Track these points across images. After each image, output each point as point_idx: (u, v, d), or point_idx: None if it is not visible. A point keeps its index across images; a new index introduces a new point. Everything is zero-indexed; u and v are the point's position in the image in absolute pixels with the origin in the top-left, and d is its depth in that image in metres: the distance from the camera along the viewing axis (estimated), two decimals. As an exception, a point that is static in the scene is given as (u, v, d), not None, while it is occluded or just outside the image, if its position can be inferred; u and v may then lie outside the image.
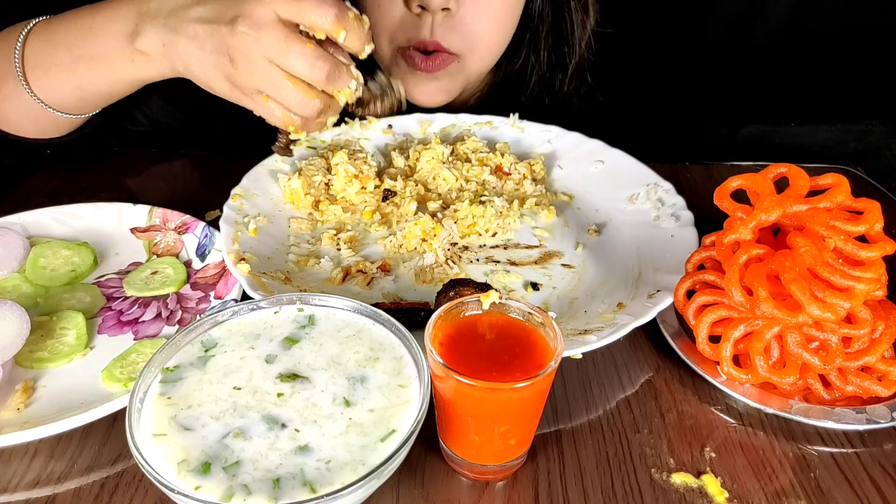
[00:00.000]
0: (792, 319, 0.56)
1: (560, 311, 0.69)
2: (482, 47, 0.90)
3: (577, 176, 0.91)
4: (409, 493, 0.53)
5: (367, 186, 0.85)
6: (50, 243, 0.74)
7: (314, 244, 0.78)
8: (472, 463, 0.53)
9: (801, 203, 0.59)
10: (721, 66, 1.26)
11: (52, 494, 0.52)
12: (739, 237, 0.60)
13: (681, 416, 0.60)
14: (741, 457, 0.57)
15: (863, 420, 0.58)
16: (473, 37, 0.88)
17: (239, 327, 0.55)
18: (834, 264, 0.57)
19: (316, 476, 0.44)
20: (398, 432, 0.47)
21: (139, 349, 0.62)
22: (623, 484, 0.54)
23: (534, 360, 0.50)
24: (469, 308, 0.53)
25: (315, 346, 0.54)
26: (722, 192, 0.62)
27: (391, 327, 0.55)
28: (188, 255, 0.75)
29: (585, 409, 0.61)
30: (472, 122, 0.98)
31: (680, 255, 0.70)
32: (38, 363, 0.61)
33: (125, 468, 0.54)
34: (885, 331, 0.59)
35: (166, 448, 0.46)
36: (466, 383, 0.47)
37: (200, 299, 0.70)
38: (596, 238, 0.82)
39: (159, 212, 0.79)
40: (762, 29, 1.30)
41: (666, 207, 0.81)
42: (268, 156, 0.87)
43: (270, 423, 0.48)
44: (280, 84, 0.66)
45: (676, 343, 0.65)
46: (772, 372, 0.59)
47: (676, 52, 1.19)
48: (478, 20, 0.87)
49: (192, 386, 0.50)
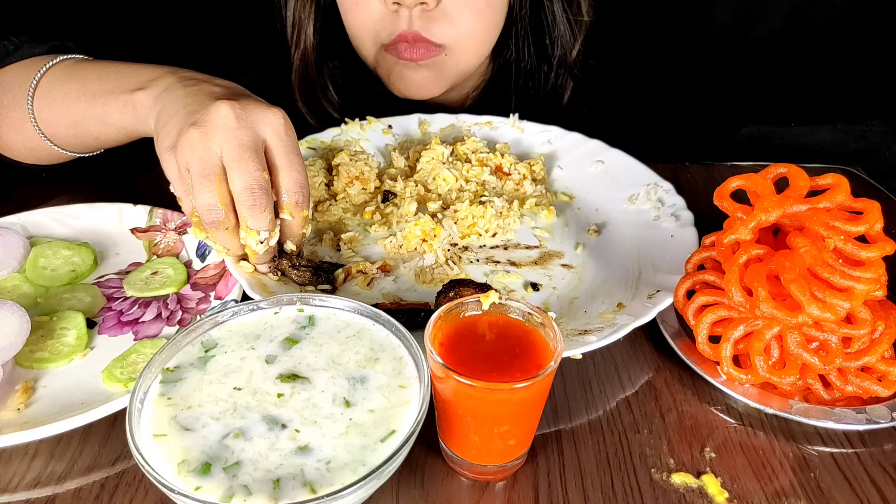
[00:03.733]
0: (792, 319, 0.56)
1: (560, 312, 0.69)
2: (468, 39, 0.91)
3: (577, 176, 0.91)
4: (409, 494, 0.53)
5: (368, 188, 0.85)
6: (50, 243, 0.74)
7: (314, 244, 0.78)
8: (472, 463, 0.53)
9: (801, 203, 0.59)
10: (721, 66, 1.26)
11: (52, 494, 0.52)
12: (739, 237, 0.60)
13: (681, 417, 0.60)
14: (741, 457, 0.57)
15: (863, 420, 0.58)
16: (458, 28, 0.88)
17: (239, 328, 0.55)
18: (834, 264, 0.57)
19: (316, 476, 0.44)
20: (398, 433, 0.47)
21: (139, 349, 0.62)
22: (623, 484, 0.54)
23: (534, 361, 0.50)
24: (469, 308, 0.53)
25: (315, 346, 0.54)
26: (722, 192, 0.62)
27: (391, 328, 0.55)
28: (188, 256, 0.75)
29: (585, 409, 0.61)
30: (472, 123, 0.98)
31: (680, 255, 0.70)
32: (38, 363, 0.61)
33: (125, 468, 0.54)
34: (885, 331, 0.59)
35: (166, 448, 0.46)
36: (466, 384, 0.47)
37: (200, 300, 0.70)
38: (596, 238, 0.81)
39: (160, 212, 0.79)
40: (762, 29, 1.30)
41: (666, 207, 0.81)
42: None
43: (270, 423, 0.48)
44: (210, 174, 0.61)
45: (676, 343, 0.65)
46: (772, 372, 0.59)
47: (676, 51, 1.20)
48: (459, 11, 0.87)
49: (193, 386, 0.50)
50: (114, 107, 0.72)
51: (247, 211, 0.62)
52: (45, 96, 0.78)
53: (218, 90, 0.66)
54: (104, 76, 0.75)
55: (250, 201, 0.61)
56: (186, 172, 0.62)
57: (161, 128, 0.65)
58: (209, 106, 0.62)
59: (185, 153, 0.61)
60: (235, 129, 0.61)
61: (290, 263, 0.68)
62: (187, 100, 0.65)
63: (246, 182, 0.61)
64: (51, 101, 0.77)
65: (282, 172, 0.64)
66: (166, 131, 0.64)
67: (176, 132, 0.63)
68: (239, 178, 0.61)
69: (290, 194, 0.65)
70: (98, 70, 0.77)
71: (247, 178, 0.61)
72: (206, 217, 0.62)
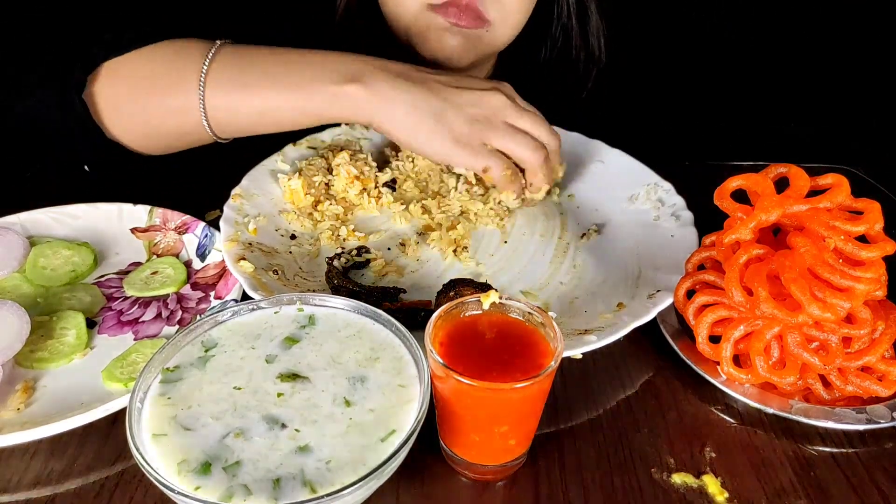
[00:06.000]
0: (792, 319, 0.56)
1: (560, 311, 0.69)
2: (510, 18, 0.91)
3: (577, 176, 0.91)
4: (409, 493, 0.53)
5: (368, 188, 0.85)
6: (50, 243, 0.74)
7: (314, 244, 0.78)
8: (472, 463, 0.53)
9: (801, 203, 0.59)
10: (721, 66, 1.26)
11: (52, 494, 0.52)
12: (739, 237, 0.60)
13: (681, 416, 0.60)
14: (741, 457, 0.57)
15: (863, 420, 0.58)
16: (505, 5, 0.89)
17: (239, 327, 0.55)
18: (834, 264, 0.57)
19: (316, 476, 0.44)
20: (398, 432, 0.47)
21: (139, 349, 0.62)
22: (623, 484, 0.54)
23: (534, 360, 0.50)
24: (469, 308, 0.53)
25: (315, 346, 0.54)
26: (722, 192, 0.62)
27: (391, 327, 0.55)
28: (188, 255, 0.75)
29: (585, 409, 0.61)
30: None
31: (680, 255, 0.70)
32: (38, 363, 0.61)
33: (125, 468, 0.54)
34: (886, 331, 0.59)
35: (166, 448, 0.46)
36: (466, 383, 0.47)
37: (200, 299, 0.70)
38: (596, 238, 0.82)
39: (159, 212, 0.79)
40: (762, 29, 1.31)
41: (666, 207, 0.81)
42: (268, 156, 0.87)
43: (271, 423, 0.48)
44: (517, 132, 0.78)
45: (676, 343, 0.65)
46: (772, 372, 0.59)
47: (677, 52, 1.20)
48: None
49: (193, 386, 0.50)
50: (320, 98, 0.75)
51: (538, 167, 0.80)
52: (221, 84, 0.76)
53: (440, 77, 0.78)
54: (291, 65, 0.76)
55: (540, 156, 0.80)
56: (487, 148, 0.78)
57: (428, 129, 0.76)
58: (482, 98, 0.78)
59: (487, 135, 0.77)
60: (513, 107, 0.79)
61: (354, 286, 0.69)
62: (434, 97, 0.76)
63: (542, 134, 0.80)
64: (230, 89, 0.76)
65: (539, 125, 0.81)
66: (441, 130, 0.76)
67: (460, 125, 0.76)
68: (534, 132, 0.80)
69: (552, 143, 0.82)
70: (275, 58, 0.77)
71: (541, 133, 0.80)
72: (534, 158, 0.79)
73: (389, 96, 0.75)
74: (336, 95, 0.74)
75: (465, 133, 0.76)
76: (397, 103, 0.75)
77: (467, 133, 0.76)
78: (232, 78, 0.76)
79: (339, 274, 0.70)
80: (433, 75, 0.78)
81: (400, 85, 0.75)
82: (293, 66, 0.76)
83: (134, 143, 0.81)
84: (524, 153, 0.78)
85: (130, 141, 0.81)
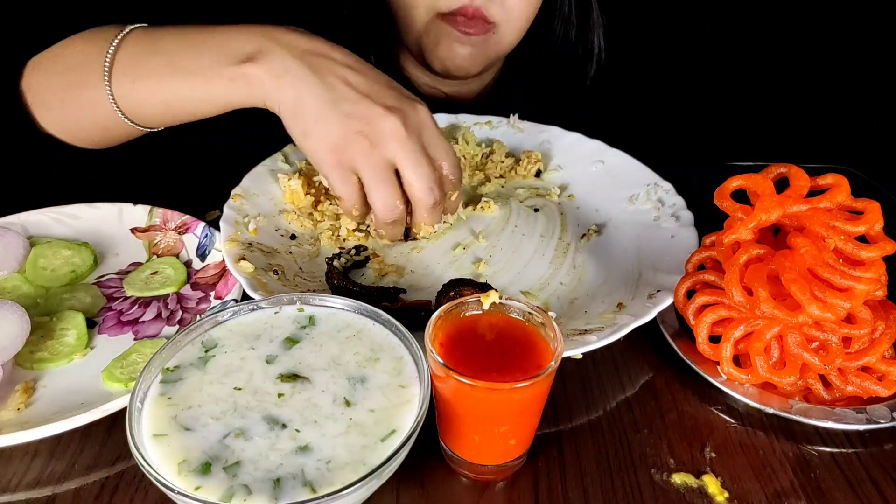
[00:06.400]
0: (792, 319, 0.56)
1: (560, 311, 0.69)
2: (515, 20, 0.91)
3: (577, 176, 0.91)
4: (409, 493, 0.53)
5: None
6: (50, 243, 0.74)
7: (314, 244, 0.78)
8: (472, 463, 0.53)
9: (801, 203, 0.59)
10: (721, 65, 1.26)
11: (52, 494, 0.52)
12: (739, 237, 0.60)
13: (681, 416, 0.60)
14: (741, 457, 0.57)
15: (863, 420, 0.58)
16: (509, 8, 0.89)
17: (239, 327, 0.55)
18: (834, 264, 0.57)
19: (316, 476, 0.44)
20: (398, 432, 0.47)
21: (139, 349, 0.62)
22: (623, 484, 0.54)
23: (534, 361, 0.50)
24: (469, 308, 0.53)
25: (315, 346, 0.54)
26: (722, 192, 0.62)
27: (391, 327, 0.55)
28: (188, 256, 0.75)
29: (585, 409, 0.61)
30: (471, 123, 0.98)
31: (680, 255, 0.70)
32: (38, 363, 0.61)
33: (125, 468, 0.54)
34: (886, 331, 0.59)
35: (166, 448, 0.46)
36: (466, 383, 0.47)
37: (200, 299, 0.70)
38: (596, 238, 0.82)
39: (159, 212, 0.79)
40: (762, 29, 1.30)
41: (666, 207, 0.81)
42: (268, 156, 0.87)
43: (271, 423, 0.48)
44: (386, 180, 0.68)
45: (676, 343, 0.65)
46: (772, 372, 0.59)
47: (677, 52, 1.20)
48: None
49: (193, 386, 0.50)
50: (218, 83, 0.69)
51: (425, 211, 0.70)
52: (125, 73, 0.71)
53: (348, 74, 0.68)
54: (192, 48, 0.70)
55: (430, 200, 0.69)
56: (353, 174, 0.68)
57: (306, 125, 0.67)
58: (374, 117, 0.66)
59: (357, 160, 0.67)
60: (406, 140, 0.66)
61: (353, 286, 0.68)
62: (327, 93, 0.66)
63: (425, 183, 0.68)
64: (134, 78, 0.71)
65: (442, 160, 0.71)
66: (318, 132, 0.67)
67: (336, 135, 0.66)
68: (417, 181, 0.68)
69: (453, 174, 0.72)
70: (180, 40, 0.71)
71: (425, 180, 0.68)
72: (385, 215, 0.70)
73: (281, 79, 0.67)
74: (232, 78, 0.68)
75: (339, 146, 0.67)
76: (286, 88, 0.67)
77: (342, 147, 0.67)
78: (136, 66, 0.71)
79: (339, 274, 0.70)
80: (343, 70, 0.68)
81: (296, 69, 0.67)
82: (193, 50, 0.70)
83: (68, 137, 0.77)
84: (376, 203, 0.69)
85: (63, 136, 0.77)
